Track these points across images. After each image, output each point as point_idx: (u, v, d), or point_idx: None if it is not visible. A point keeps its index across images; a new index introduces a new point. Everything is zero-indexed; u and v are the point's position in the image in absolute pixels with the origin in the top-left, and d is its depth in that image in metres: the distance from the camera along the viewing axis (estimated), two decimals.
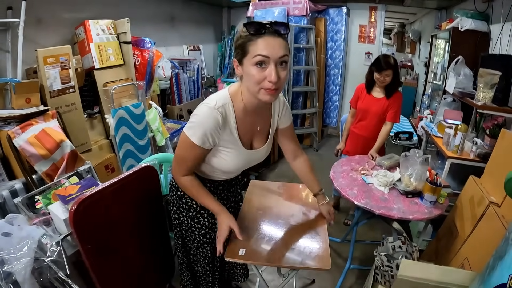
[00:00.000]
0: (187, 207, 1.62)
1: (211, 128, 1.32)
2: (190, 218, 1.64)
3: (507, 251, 1.18)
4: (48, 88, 2.31)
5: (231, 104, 1.37)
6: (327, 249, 1.50)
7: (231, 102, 1.37)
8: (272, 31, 1.20)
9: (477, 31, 3.14)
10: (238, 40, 1.26)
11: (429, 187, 2.01)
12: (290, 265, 1.50)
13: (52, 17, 2.71)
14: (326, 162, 4.68)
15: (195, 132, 1.32)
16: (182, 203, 1.62)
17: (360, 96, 2.88)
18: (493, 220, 1.82)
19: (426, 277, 1.55)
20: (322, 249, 1.50)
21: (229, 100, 1.37)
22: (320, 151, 5.23)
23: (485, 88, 2.46)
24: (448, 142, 2.62)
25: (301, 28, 4.71)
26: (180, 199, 1.62)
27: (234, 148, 1.44)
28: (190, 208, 1.62)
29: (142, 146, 3.01)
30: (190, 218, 1.64)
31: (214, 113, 1.31)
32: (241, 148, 1.45)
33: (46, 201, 1.72)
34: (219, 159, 1.46)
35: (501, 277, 1.13)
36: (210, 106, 1.32)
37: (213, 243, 1.68)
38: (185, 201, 1.61)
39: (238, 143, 1.43)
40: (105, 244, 1.52)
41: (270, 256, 1.48)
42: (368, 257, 2.70)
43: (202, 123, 1.32)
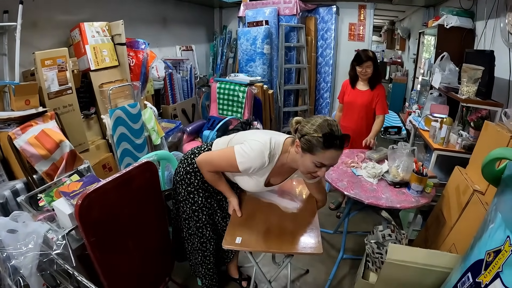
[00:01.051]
0: (188, 182, 1.83)
1: (255, 166, 1.57)
2: (187, 192, 1.84)
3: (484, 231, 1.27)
4: (46, 90, 2.36)
5: (278, 155, 1.61)
6: (319, 236, 1.60)
7: (279, 154, 1.61)
8: (338, 145, 1.42)
9: (462, 28, 3.23)
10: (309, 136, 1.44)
11: (415, 177, 2.09)
12: (284, 251, 1.61)
13: (47, 20, 2.76)
14: None
15: (243, 163, 1.56)
16: (186, 178, 1.83)
17: (346, 91, 3.03)
18: (477, 207, 1.90)
19: (413, 260, 1.63)
20: (314, 236, 1.60)
21: (279, 151, 1.61)
22: None
23: (469, 82, 2.55)
24: (434, 135, 2.72)
25: (291, 27, 4.78)
26: (186, 174, 1.83)
27: (256, 182, 1.69)
28: (190, 184, 1.83)
29: (139, 145, 3.07)
30: (187, 192, 1.84)
31: (265, 157, 1.56)
32: (261, 185, 1.71)
33: (49, 199, 1.77)
34: (239, 179, 1.73)
35: (478, 254, 1.22)
36: (266, 148, 1.56)
37: (198, 223, 1.89)
38: (189, 177, 1.82)
39: (261, 182, 1.70)
40: (109, 237, 1.59)
41: (265, 244, 1.58)
42: (360, 247, 2.77)
43: (251, 160, 1.56)
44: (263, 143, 1.57)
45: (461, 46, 3.24)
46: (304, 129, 1.48)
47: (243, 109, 4.03)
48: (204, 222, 1.90)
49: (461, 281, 1.28)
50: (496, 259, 1.09)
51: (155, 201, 1.93)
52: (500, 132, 1.96)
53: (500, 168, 1.36)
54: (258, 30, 4.54)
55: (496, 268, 1.07)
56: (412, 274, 1.66)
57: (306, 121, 1.51)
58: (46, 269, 1.44)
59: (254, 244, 1.58)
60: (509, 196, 1.19)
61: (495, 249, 1.12)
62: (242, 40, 4.73)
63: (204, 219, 1.89)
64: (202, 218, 1.88)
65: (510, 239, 1.06)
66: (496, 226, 1.19)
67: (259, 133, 1.69)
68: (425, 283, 1.65)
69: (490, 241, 1.18)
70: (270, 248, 1.62)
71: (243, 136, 1.71)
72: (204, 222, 1.90)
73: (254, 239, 1.61)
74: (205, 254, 1.98)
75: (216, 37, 5.45)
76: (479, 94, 2.58)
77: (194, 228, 1.91)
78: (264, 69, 4.71)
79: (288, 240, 1.59)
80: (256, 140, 1.58)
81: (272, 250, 1.71)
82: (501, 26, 2.67)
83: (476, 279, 1.16)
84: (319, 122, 1.46)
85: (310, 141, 1.44)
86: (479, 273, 1.16)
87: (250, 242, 1.57)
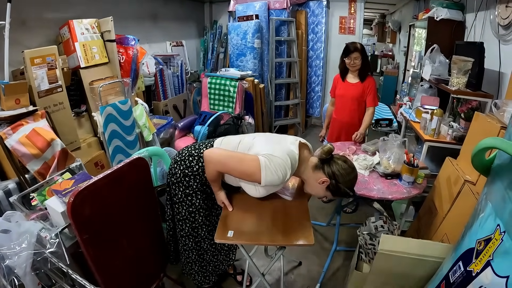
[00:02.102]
0: (187, 185, 1.79)
1: (278, 183, 1.56)
2: (185, 194, 1.81)
3: (475, 220, 1.29)
4: (36, 89, 2.33)
5: (295, 170, 1.65)
6: (310, 227, 1.61)
7: (296, 169, 1.65)
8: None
9: (452, 20, 3.25)
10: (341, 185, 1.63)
11: (406, 169, 2.11)
12: (276, 243, 1.62)
13: (36, 18, 2.73)
14: None
15: (271, 181, 1.53)
16: (184, 180, 1.79)
17: (337, 85, 3.05)
18: (468, 197, 1.93)
19: (405, 251, 1.64)
20: (305, 227, 1.61)
21: (296, 167, 1.64)
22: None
23: (459, 74, 2.57)
24: (425, 127, 2.74)
25: (282, 21, 4.78)
26: (184, 177, 1.78)
27: (265, 191, 1.69)
28: (189, 187, 1.79)
29: (131, 141, 3.06)
30: (185, 194, 1.81)
31: (286, 178, 1.55)
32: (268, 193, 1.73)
33: (42, 198, 1.77)
34: (247, 187, 1.71)
35: (469, 242, 1.24)
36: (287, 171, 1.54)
37: (194, 223, 1.87)
38: (188, 180, 1.78)
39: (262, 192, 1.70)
40: (102, 234, 1.58)
41: (257, 236, 1.59)
42: (353, 239, 2.79)
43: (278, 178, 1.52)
44: (284, 160, 1.54)
45: (451, 38, 3.25)
46: (337, 174, 1.62)
47: (234, 104, 4.03)
48: (200, 223, 1.88)
49: (452, 269, 1.29)
50: (486, 247, 1.10)
51: (147, 197, 1.93)
52: (491, 123, 1.98)
53: (490, 157, 1.37)
54: (248, 25, 4.52)
55: (487, 256, 1.08)
56: (404, 264, 1.66)
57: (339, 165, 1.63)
58: (41, 268, 1.44)
59: (246, 237, 1.58)
60: (499, 185, 1.20)
61: (485, 238, 1.14)
62: (232, 34, 4.72)
63: (201, 220, 1.87)
64: (198, 219, 1.87)
65: (500, 227, 1.07)
66: (486, 215, 1.20)
67: (272, 143, 1.67)
68: (418, 273, 1.66)
69: (480, 230, 1.20)
70: (261, 241, 1.62)
71: (255, 144, 1.69)
72: (200, 223, 1.88)
73: (246, 232, 1.61)
74: (199, 253, 1.98)
75: (207, 32, 5.42)
76: (469, 85, 2.60)
77: (189, 229, 1.89)
78: (255, 64, 4.70)
79: (280, 232, 1.59)
80: (279, 158, 1.54)
81: (264, 243, 1.71)
82: (491, 18, 2.69)
83: (467, 267, 1.18)
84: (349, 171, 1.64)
85: (340, 189, 1.63)
86: (470, 261, 1.18)
87: (242, 235, 1.57)
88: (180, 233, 1.93)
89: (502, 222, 1.08)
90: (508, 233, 1.02)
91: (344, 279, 2.40)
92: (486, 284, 1.06)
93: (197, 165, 1.75)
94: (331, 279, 2.46)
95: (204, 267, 2.04)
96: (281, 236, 1.57)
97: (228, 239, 1.53)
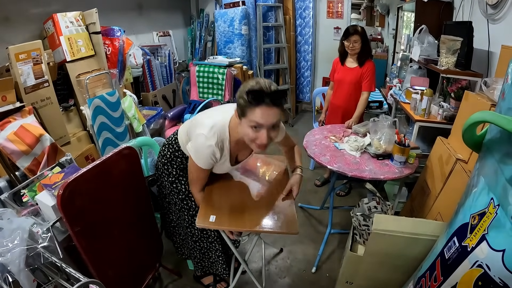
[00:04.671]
0: (167, 173, 1.82)
1: (212, 158, 1.56)
2: (170, 182, 1.83)
3: (468, 195, 1.29)
4: (22, 85, 2.29)
5: (228, 139, 1.57)
6: (294, 215, 1.59)
7: (228, 137, 1.57)
8: (269, 102, 1.35)
9: (440, 1, 3.23)
10: (240, 99, 1.40)
11: (397, 149, 2.12)
12: (258, 230, 1.62)
13: (19, 13, 2.66)
14: (301, 136, 4.76)
15: (199, 160, 1.56)
16: (164, 169, 1.82)
17: (336, 69, 3.02)
18: (460, 175, 1.94)
19: (399, 230, 1.66)
20: (289, 215, 1.59)
21: (227, 135, 1.57)
22: (295, 126, 5.33)
23: (448, 54, 2.57)
24: (415, 107, 2.74)
25: (269, 7, 4.75)
26: (163, 166, 1.82)
27: (222, 166, 1.69)
28: (170, 174, 1.82)
29: (120, 133, 3.02)
30: (170, 182, 1.83)
31: (214, 150, 1.52)
32: (228, 165, 1.71)
33: (32, 194, 1.74)
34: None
35: (463, 218, 1.24)
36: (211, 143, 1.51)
37: (190, 210, 1.88)
38: (166, 168, 1.81)
39: (227, 163, 1.69)
40: (94, 226, 1.58)
41: (239, 222, 1.57)
42: (347, 221, 2.84)
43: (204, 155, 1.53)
44: (206, 135, 1.51)
45: (440, 19, 3.24)
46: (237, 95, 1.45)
47: (223, 91, 4.00)
48: (196, 209, 1.86)
49: (447, 246, 1.30)
50: (481, 222, 1.11)
51: (138, 187, 1.92)
52: (481, 101, 1.98)
53: (481, 133, 1.37)
54: (235, 11, 4.47)
55: (482, 230, 1.09)
56: (398, 243, 1.68)
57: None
58: (34, 264, 1.43)
59: (228, 222, 1.56)
60: (491, 159, 1.20)
61: (479, 212, 1.14)
62: (219, 22, 4.67)
63: (195, 205, 1.85)
64: (192, 205, 1.86)
65: (494, 201, 1.07)
66: (479, 189, 1.21)
67: (206, 118, 1.62)
68: (412, 251, 1.68)
69: (474, 204, 1.20)
70: (244, 227, 1.58)
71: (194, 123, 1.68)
72: (196, 209, 1.86)
73: (227, 217, 1.59)
74: (209, 240, 1.97)
75: (194, 21, 5.35)
76: (459, 65, 2.60)
77: (189, 218, 1.89)
78: (243, 50, 4.67)
79: (263, 219, 1.58)
80: (201, 133, 1.52)
81: (247, 229, 1.65)
82: None
83: (462, 243, 1.19)
84: (250, 83, 1.40)
85: (240, 103, 1.40)
86: (464, 236, 1.18)
87: (223, 220, 1.55)
88: (185, 224, 1.94)
89: (495, 196, 1.08)
90: (502, 207, 1.03)
91: (340, 261, 2.41)
92: (481, 258, 1.07)
93: (168, 151, 1.79)
94: (326, 262, 2.49)
95: (207, 254, 2.03)
96: (265, 223, 1.56)
97: (210, 223, 1.51)
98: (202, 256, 2.03)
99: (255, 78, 1.45)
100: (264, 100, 1.34)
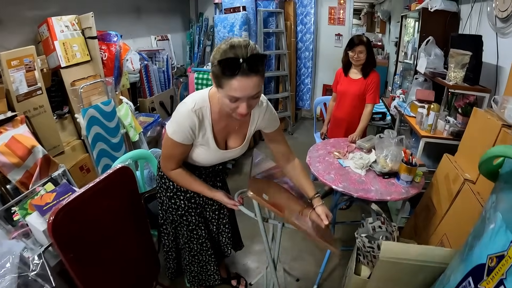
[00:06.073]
0: (165, 187, 1.73)
1: (188, 128, 1.38)
2: (168, 198, 1.74)
3: (485, 231, 1.22)
4: (14, 93, 2.20)
5: (208, 107, 1.42)
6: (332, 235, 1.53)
7: (209, 105, 1.42)
8: (246, 70, 1.15)
9: (446, 11, 3.16)
10: (213, 67, 1.23)
11: (405, 168, 2.06)
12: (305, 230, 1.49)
13: (13, 17, 2.57)
14: (301, 145, 4.73)
15: (175, 130, 1.41)
16: (162, 183, 1.73)
17: (339, 80, 2.96)
18: (468, 197, 1.88)
19: (406, 257, 1.60)
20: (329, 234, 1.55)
21: (207, 103, 1.41)
22: (295, 134, 5.28)
23: (456, 68, 2.50)
24: (421, 122, 2.68)
25: (270, 13, 4.68)
26: (161, 179, 1.74)
27: (208, 147, 1.51)
28: (167, 189, 1.72)
29: (116, 144, 2.94)
30: (168, 198, 1.74)
31: (191, 115, 1.37)
32: (214, 148, 1.52)
33: (23, 212, 1.67)
34: (195, 153, 1.54)
35: (479, 257, 1.17)
36: (188, 108, 1.37)
37: (190, 225, 1.79)
38: (164, 181, 1.72)
39: (212, 144, 1.50)
40: (88, 250, 1.51)
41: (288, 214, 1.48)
42: (348, 236, 2.79)
43: (180, 122, 1.39)
44: (186, 102, 1.40)
45: (445, 29, 3.17)
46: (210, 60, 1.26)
47: None
48: (196, 223, 1.80)
49: (461, 285, 1.23)
50: (499, 265, 1.04)
51: (134, 206, 1.84)
52: (491, 120, 1.91)
53: (498, 162, 1.31)
54: (235, 17, 4.39)
55: (500, 274, 1.02)
56: (406, 270, 1.63)
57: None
58: None
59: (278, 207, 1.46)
60: (509, 195, 1.14)
61: (498, 254, 1.07)
62: (219, 27, 4.58)
63: (195, 219, 1.78)
64: (192, 220, 1.78)
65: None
66: (497, 227, 1.14)
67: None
68: (420, 278, 1.63)
69: (491, 244, 1.13)
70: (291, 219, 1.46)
71: None
72: (196, 223, 1.80)
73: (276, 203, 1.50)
74: (209, 253, 1.90)
75: (193, 25, 5.28)
76: (467, 79, 2.53)
77: (188, 233, 1.81)
78: None
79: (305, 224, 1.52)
80: (182, 102, 1.42)
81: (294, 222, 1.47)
82: (488, 10, 2.62)
83: (478, 285, 1.11)
84: (222, 47, 1.21)
85: (215, 74, 1.22)
86: (481, 278, 1.11)
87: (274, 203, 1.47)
88: (183, 240, 1.85)
89: None
90: None
91: (341, 279, 2.36)
92: None
93: None
94: (327, 280, 2.43)
95: (204, 267, 1.96)
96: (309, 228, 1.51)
97: (263, 200, 1.43)
98: (200, 270, 1.96)
99: (228, 39, 1.24)
100: (240, 69, 1.14)
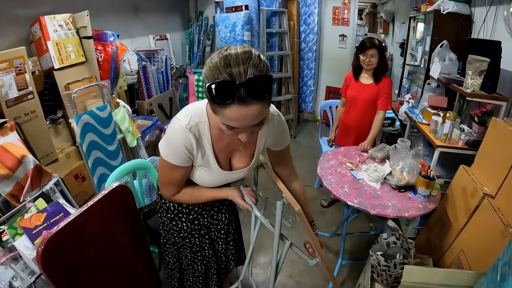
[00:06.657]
0: (165, 208, 1.56)
1: (183, 148, 1.19)
2: (169, 220, 1.58)
3: None
4: (4, 98, 2.05)
5: (207, 122, 1.20)
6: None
7: (207, 120, 1.20)
8: (245, 97, 0.90)
9: (459, 14, 3.03)
10: (205, 89, 0.96)
11: (422, 181, 1.95)
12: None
13: (2, 15, 2.42)
14: (304, 148, 4.61)
15: (168, 152, 1.22)
16: (162, 203, 1.57)
17: (349, 85, 2.82)
18: (488, 213, 1.78)
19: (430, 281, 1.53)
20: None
21: (204, 118, 1.20)
22: (298, 138, 5.15)
23: (474, 75, 2.37)
24: (435, 130, 2.54)
25: (273, 12, 4.55)
26: (161, 199, 1.57)
27: (209, 168, 1.31)
28: (168, 210, 1.56)
29: (112, 151, 2.80)
30: (169, 220, 1.58)
31: (185, 133, 1.17)
32: (217, 169, 1.32)
33: (13, 232, 1.54)
34: (196, 176, 1.36)
35: None
36: (182, 124, 1.17)
37: (193, 247, 1.64)
38: (164, 202, 1.55)
39: (213, 165, 1.30)
40: (83, 278, 1.38)
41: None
42: (357, 248, 2.70)
43: (173, 143, 1.20)
44: (180, 117, 1.19)
45: (457, 33, 3.04)
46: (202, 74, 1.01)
47: None
48: (200, 244, 1.65)
49: None
50: None
51: (132, 225, 1.71)
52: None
53: None
54: (237, 16, 4.25)
55: None
56: None
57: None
58: None
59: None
60: None
61: None
62: (220, 27, 4.45)
63: (199, 241, 1.63)
64: (196, 242, 1.62)
65: None
66: None
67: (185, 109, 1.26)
68: None
69: None
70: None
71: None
72: (200, 244, 1.65)
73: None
74: (212, 271, 1.76)
75: (192, 24, 5.15)
76: (484, 87, 2.40)
77: (192, 255, 1.67)
78: None
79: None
80: (175, 118, 1.21)
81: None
82: (505, 14, 2.48)
83: None
84: (214, 61, 0.94)
85: (205, 92, 0.96)
86: None
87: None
88: (186, 261, 1.70)
89: None
90: None
91: None
92: None
93: None
94: None
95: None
96: None
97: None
98: None
99: (224, 49, 0.97)
100: (235, 97, 0.89)
